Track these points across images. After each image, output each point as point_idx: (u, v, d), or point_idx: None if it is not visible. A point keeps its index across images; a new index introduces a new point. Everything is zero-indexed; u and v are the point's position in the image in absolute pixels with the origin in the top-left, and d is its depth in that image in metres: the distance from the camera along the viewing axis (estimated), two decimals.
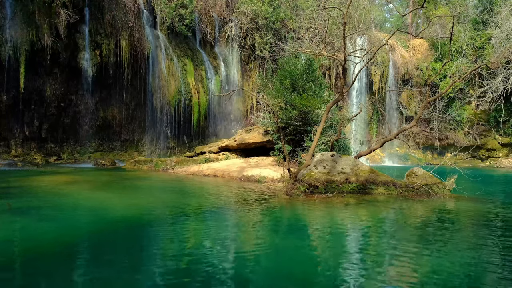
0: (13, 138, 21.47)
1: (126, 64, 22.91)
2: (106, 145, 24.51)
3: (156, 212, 8.45)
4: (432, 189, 10.98)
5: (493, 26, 27.48)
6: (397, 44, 30.93)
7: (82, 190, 11.32)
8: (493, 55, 26.92)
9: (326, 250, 5.68)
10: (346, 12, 10.69)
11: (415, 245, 5.91)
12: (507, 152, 28.82)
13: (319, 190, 10.67)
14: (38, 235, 6.14)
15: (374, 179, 11.25)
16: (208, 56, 26.24)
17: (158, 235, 6.33)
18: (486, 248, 5.73)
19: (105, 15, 22.17)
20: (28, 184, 12.05)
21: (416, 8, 19.17)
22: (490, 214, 8.67)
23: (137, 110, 24.60)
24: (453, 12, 25.77)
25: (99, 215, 7.78)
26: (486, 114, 29.14)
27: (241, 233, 6.63)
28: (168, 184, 13.59)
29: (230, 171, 15.92)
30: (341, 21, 19.47)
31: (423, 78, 30.34)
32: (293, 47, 20.17)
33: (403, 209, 9.17)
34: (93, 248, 5.66)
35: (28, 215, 7.50)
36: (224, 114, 26.69)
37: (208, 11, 26.32)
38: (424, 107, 13.34)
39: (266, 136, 17.99)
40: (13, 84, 20.24)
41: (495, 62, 26.33)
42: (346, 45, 11.24)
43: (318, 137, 11.31)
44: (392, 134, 13.11)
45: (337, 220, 7.91)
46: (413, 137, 30.14)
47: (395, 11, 44.72)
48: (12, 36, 19.63)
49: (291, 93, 16.84)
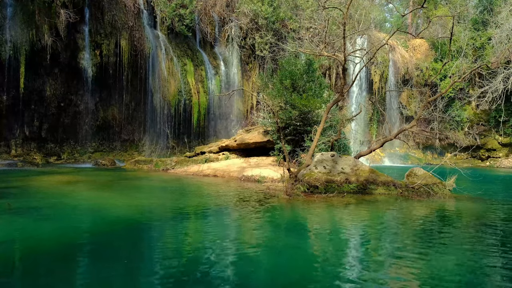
0: (13, 138, 21.47)
1: (126, 64, 22.91)
2: (106, 145, 24.51)
3: (156, 212, 8.45)
4: (432, 189, 10.98)
5: (493, 26, 27.50)
6: (397, 44, 30.93)
7: (82, 190, 11.32)
8: (493, 55, 26.93)
9: (326, 250, 5.67)
10: (346, 12, 10.69)
11: (415, 245, 5.91)
12: (507, 152, 28.82)
13: (319, 190, 10.68)
14: (38, 235, 6.14)
15: (374, 179, 11.25)
16: (208, 56, 26.24)
17: (158, 235, 6.33)
18: (486, 248, 5.73)
19: (105, 15, 22.18)
20: (28, 184, 12.05)
21: (416, 8, 19.17)
22: (490, 214, 8.67)
23: (137, 110, 24.61)
24: (453, 12, 25.77)
25: (99, 215, 7.79)
26: (486, 114, 29.14)
27: (241, 233, 6.63)
28: (168, 184, 13.59)
29: (230, 171, 15.93)
30: (341, 21, 19.45)
31: (423, 78, 30.34)
32: (293, 47, 20.18)
33: (403, 209, 9.17)
34: (93, 248, 5.66)
35: (28, 215, 7.50)
36: (224, 114, 26.69)
37: (208, 11, 26.32)
38: (424, 107, 13.34)
39: (266, 136, 17.99)
40: (13, 84, 20.24)
41: (495, 62, 26.35)
42: (346, 45, 11.24)
43: (318, 137, 11.31)
44: (392, 134, 13.11)
45: (337, 220, 7.91)
46: (413, 137, 30.14)
47: (395, 11, 44.74)
48: (12, 36, 19.63)
49: (291, 93, 16.85)
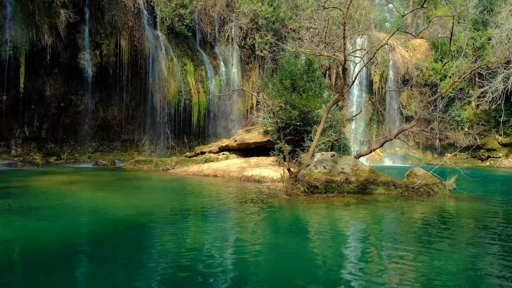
0: (13, 138, 21.48)
1: (126, 64, 22.91)
2: (106, 145, 24.52)
3: (156, 212, 8.45)
4: (432, 189, 10.98)
5: (493, 26, 27.50)
6: (397, 44, 30.94)
7: (82, 190, 11.32)
8: (493, 55, 26.94)
9: (326, 250, 5.67)
10: (346, 12, 10.69)
11: (415, 245, 5.91)
12: (507, 152, 28.82)
13: (319, 190, 10.67)
14: (38, 235, 6.14)
15: (374, 179, 11.25)
16: (208, 56, 26.23)
17: (158, 235, 6.33)
18: (486, 248, 5.73)
19: (105, 15, 22.18)
20: (28, 184, 12.05)
21: (416, 8, 19.16)
22: (490, 214, 8.67)
23: (137, 110, 24.61)
24: (453, 12, 25.80)
25: (99, 215, 7.79)
26: (486, 114, 29.14)
27: (241, 233, 6.63)
28: (168, 184, 13.59)
29: (230, 171, 15.93)
30: (341, 21, 19.46)
31: (423, 78, 30.35)
32: (293, 47, 20.16)
33: (403, 209, 9.17)
34: (93, 248, 5.66)
35: (28, 215, 7.50)
36: (224, 114, 26.69)
37: (208, 11, 26.32)
38: (424, 107, 13.34)
39: (266, 136, 17.99)
40: (13, 84, 20.25)
41: (495, 62, 26.35)
42: (346, 45, 11.25)
43: (318, 137, 11.31)
44: (392, 134, 13.11)
45: (337, 220, 7.91)
46: (413, 137, 30.15)
47: (395, 11, 44.75)
48: (12, 36, 19.63)
49: (291, 93, 16.85)
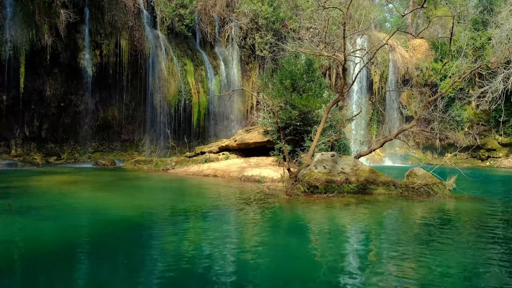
0: (13, 138, 21.47)
1: (126, 64, 22.91)
2: (106, 145, 24.52)
3: (156, 212, 8.45)
4: (432, 189, 10.98)
5: (493, 26, 27.50)
6: (397, 44, 30.93)
7: (82, 190, 11.32)
8: (493, 55, 26.94)
9: (326, 250, 5.67)
10: (346, 12, 10.69)
11: (415, 245, 5.91)
12: (507, 152, 28.82)
13: (319, 190, 10.67)
14: (38, 235, 6.14)
15: (374, 179, 11.25)
16: (208, 56, 26.23)
17: (159, 235, 6.33)
18: (486, 248, 5.73)
19: (105, 15, 22.18)
20: (28, 184, 12.05)
21: (416, 8, 19.18)
22: (490, 214, 8.67)
23: (137, 110, 24.61)
24: (453, 12, 25.80)
25: (99, 215, 7.79)
26: (486, 114, 29.14)
27: (241, 233, 6.63)
28: (168, 184, 13.59)
29: (230, 171, 15.92)
30: (341, 21, 19.45)
31: (423, 78, 30.34)
32: (293, 47, 20.16)
33: (403, 209, 9.17)
34: (93, 248, 5.66)
35: (28, 215, 7.50)
36: (224, 114, 26.69)
37: (208, 11, 26.32)
38: (424, 107, 13.34)
39: (266, 136, 17.99)
40: (13, 84, 20.24)
41: (495, 62, 26.35)
42: (346, 45, 11.24)
43: (318, 137, 11.31)
44: (392, 134, 13.10)
45: (337, 220, 7.91)
46: (413, 137, 30.15)
47: (395, 11, 44.74)
48: (12, 36, 19.63)
49: (291, 93, 16.84)
